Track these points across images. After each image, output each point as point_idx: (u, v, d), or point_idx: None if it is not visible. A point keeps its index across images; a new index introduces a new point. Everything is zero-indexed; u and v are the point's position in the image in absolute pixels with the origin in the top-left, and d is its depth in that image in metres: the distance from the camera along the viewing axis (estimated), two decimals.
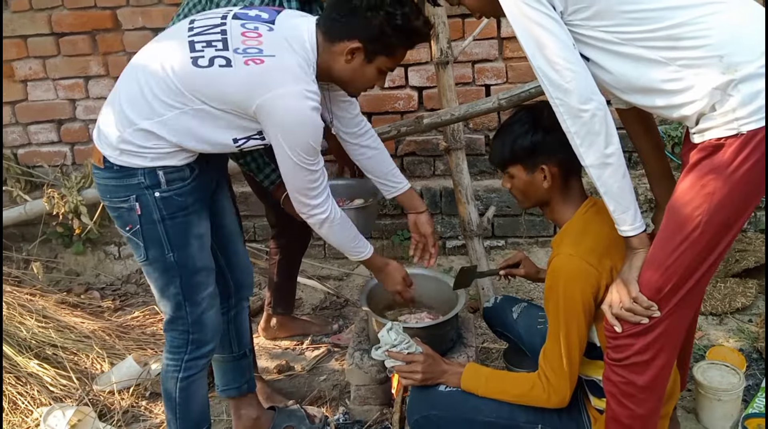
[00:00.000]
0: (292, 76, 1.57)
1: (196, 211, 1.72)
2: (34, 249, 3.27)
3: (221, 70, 1.56)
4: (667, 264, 1.43)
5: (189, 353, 1.79)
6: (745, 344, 2.47)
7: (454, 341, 2.15)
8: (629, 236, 1.49)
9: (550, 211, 1.72)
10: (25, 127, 3.31)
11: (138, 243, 1.69)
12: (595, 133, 1.41)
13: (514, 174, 1.67)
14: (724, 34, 1.33)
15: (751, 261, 2.75)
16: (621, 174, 1.45)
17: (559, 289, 1.58)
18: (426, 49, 2.99)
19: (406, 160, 3.19)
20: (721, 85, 1.32)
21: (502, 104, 2.46)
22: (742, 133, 1.31)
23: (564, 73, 1.39)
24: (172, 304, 1.75)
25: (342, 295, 3.06)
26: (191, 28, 1.64)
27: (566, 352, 1.59)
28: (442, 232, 3.16)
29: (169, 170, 1.64)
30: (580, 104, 1.39)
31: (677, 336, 1.54)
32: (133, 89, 1.63)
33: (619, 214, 1.48)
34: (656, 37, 1.37)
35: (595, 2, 1.39)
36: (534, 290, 2.94)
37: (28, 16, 3.12)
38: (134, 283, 3.28)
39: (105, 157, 1.64)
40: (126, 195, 1.64)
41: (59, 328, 2.64)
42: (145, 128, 1.59)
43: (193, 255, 1.72)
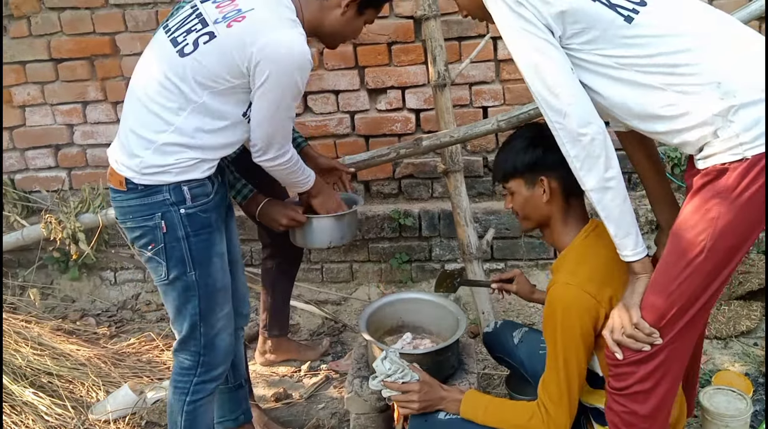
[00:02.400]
0: (276, 21, 1.62)
1: (219, 228, 1.76)
2: (31, 275, 3.24)
3: (207, 46, 1.61)
4: (671, 289, 1.41)
5: (198, 375, 1.78)
6: (751, 368, 2.43)
7: (455, 367, 2.11)
8: (631, 261, 1.48)
9: (549, 232, 1.70)
10: (23, 153, 3.31)
11: (160, 262, 1.69)
12: (595, 157, 1.40)
13: (514, 190, 1.66)
14: (720, 61, 1.34)
15: (755, 283, 2.72)
16: (622, 198, 1.44)
17: (557, 319, 1.55)
18: (423, 71, 2.99)
19: (404, 182, 3.18)
20: (722, 111, 1.31)
21: (501, 126, 2.45)
22: (747, 158, 1.30)
23: (563, 98, 1.39)
24: (187, 325, 1.74)
25: (340, 320, 3.02)
26: (168, 30, 1.70)
27: (565, 382, 1.57)
28: (441, 254, 3.13)
29: (193, 185, 1.67)
30: (579, 128, 1.39)
31: (680, 363, 1.51)
32: (137, 109, 1.67)
33: (620, 238, 1.46)
34: (653, 63, 1.37)
35: (594, 27, 1.40)
36: (535, 314, 2.90)
37: (27, 42, 3.13)
38: (130, 309, 3.25)
39: (127, 178, 1.66)
40: (151, 213, 1.66)
41: (55, 355, 2.60)
42: (164, 143, 1.62)
43: (214, 274, 1.73)
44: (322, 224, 2.11)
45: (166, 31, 1.71)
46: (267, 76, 1.59)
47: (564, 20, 1.40)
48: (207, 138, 1.66)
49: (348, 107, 3.11)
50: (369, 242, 3.16)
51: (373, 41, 2.99)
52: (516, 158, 1.63)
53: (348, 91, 3.08)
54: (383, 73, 3.03)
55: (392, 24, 2.96)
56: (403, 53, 3.00)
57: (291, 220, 2.04)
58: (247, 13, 1.60)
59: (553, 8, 1.39)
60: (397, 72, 3.02)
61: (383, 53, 3.01)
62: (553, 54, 1.40)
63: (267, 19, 1.60)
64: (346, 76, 3.06)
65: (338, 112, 3.12)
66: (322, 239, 2.13)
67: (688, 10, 1.43)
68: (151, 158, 1.63)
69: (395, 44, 2.99)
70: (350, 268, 3.22)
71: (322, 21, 1.75)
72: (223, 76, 1.61)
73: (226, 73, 1.60)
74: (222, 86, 1.62)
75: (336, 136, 3.14)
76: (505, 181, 1.68)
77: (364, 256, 3.19)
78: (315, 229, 2.11)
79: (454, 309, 2.22)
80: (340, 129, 3.13)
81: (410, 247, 3.14)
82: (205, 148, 1.67)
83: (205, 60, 1.60)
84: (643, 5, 1.40)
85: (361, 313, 2.23)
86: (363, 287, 3.21)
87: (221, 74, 1.60)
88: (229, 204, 1.95)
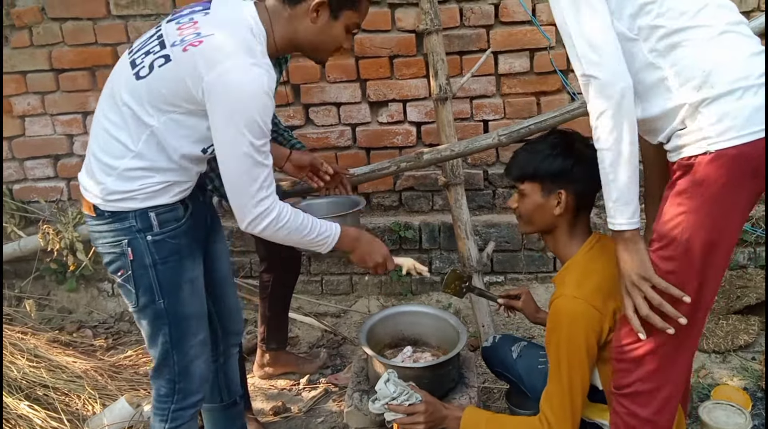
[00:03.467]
0: (234, 49, 1.47)
1: (191, 253, 1.67)
2: (27, 286, 3.22)
3: (162, 70, 1.50)
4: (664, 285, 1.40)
5: (175, 402, 1.73)
6: (749, 383, 2.43)
7: (455, 381, 2.11)
8: (624, 229, 1.42)
9: (553, 241, 1.68)
10: (22, 163, 3.30)
11: (129, 289, 1.63)
12: (621, 118, 1.37)
13: (527, 193, 1.63)
14: (717, 53, 1.35)
15: (753, 297, 2.73)
16: (633, 167, 1.40)
17: (562, 332, 1.55)
18: (424, 85, 3.01)
19: (405, 194, 3.19)
20: (694, 102, 1.33)
21: (502, 140, 2.46)
22: (711, 152, 1.32)
23: (601, 52, 1.37)
24: (159, 352, 1.69)
25: (339, 332, 3.01)
26: (131, 51, 1.62)
27: (569, 396, 1.56)
28: (440, 267, 3.13)
29: (161, 211, 1.59)
30: (613, 81, 1.36)
31: (681, 367, 1.50)
32: (99, 133, 1.60)
33: (620, 205, 1.41)
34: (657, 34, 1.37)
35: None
36: (534, 328, 2.90)
37: (29, 52, 3.13)
38: (127, 321, 3.22)
39: (95, 205, 1.60)
40: (118, 240, 1.59)
41: (51, 367, 2.57)
42: (126, 168, 1.55)
43: (183, 301, 1.66)
44: None
45: (129, 51, 1.63)
46: (220, 111, 1.46)
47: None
48: (168, 163, 1.56)
49: (349, 120, 3.11)
50: None
51: (375, 54, 3.01)
52: (540, 163, 1.60)
53: (349, 103, 3.09)
54: (385, 86, 3.05)
55: (394, 38, 2.98)
56: (404, 66, 3.02)
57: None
58: (205, 38, 1.48)
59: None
60: (398, 85, 3.04)
61: (385, 66, 3.02)
62: (600, 8, 1.38)
63: (223, 47, 1.47)
64: (348, 89, 3.07)
65: (340, 125, 3.13)
66: None
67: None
68: (113, 184, 1.56)
69: (397, 58, 3.01)
70: (350, 280, 3.22)
71: (295, 33, 1.59)
72: (178, 102, 1.51)
73: (180, 99, 1.50)
74: (177, 111, 1.52)
75: (337, 148, 3.15)
76: (520, 181, 1.64)
77: (364, 268, 3.17)
78: None
79: (454, 322, 2.21)
80: (342, 141, 3.14)
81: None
82: (170, 171, 1.57)
83: (159, 84, 1.51)
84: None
85: (361, 327, 2.22)
86: (363, 300, 3.20)
87: (174, 99, 1.51)
88: (214, 222, 1.86)
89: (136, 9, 3.04)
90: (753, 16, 2.78)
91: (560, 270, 1.68)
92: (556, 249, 1.69)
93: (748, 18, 2.78)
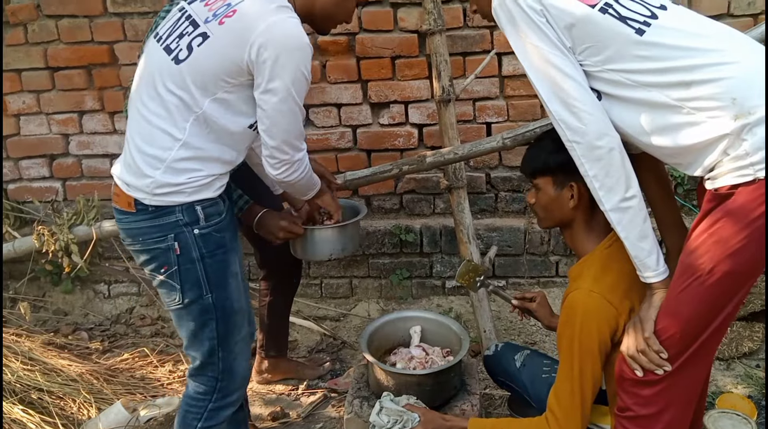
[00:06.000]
0: (270, 9, 1.55)
1: (234, 248, 1.70)
2: (22, 287, 3.17)
3: (202, 48, 1.55)
4: (679, 314, 1.39)
5: (214, 401, 1.72)
6: (754, 390, 2.41)
7: (457, 388, 2.08)
8: (652, 282, 1.45)
9: (570, 235, 1.67)
10: (17, 162, 3.25)
11: (174, 285, 1.63)
12: (614, 176, 1.38)
13: (541, 187, 1.63)
14: (737, 77, 1.31)
15: (757, 304, 2.70)
16: (642, 218, 1.41)
17: (576, 324, 1.53)
18: (427, 86, 2.97)
19: (406, 197, 3.15)
20: (735, 129, 1.28)
21: (506, 143, 2.43)
22: (759, 179, 1.27)
23: (581, 115, 1.37)
24: (204, 350, 1.68)
25: (339, 336, 2.97)
26: (159, 38, 1.64)
27: (579, 391, 1.54)
28: (442, 271, 3.10)
29: (206, 204, 1.62)
30: (595, 140, 1.36)
31: (688, 392, 1.48)
32: (141, 125, 1.61)
33: (642, 259, 1.43)
34: (668, 78, 1.34)
35: (606, 43, 1.37)
36: (537, 333, 2.87)
37: (24, 50, 3.09)
38: (123, 324, 3.18)
39: (137, 199, 1.59)
40: (163, 235, 1.60)
41: (45, 370, 2.53)
42: (175, 159, 1.56)
43: (231, 295, 1.67)
44: (323, 235, 2.04)
45: (157, 39, 1.65)
46: (271, 62, 1.51)
47: (573, 34, 1.38)
48: (216, 149, 1.60)
49: (350, 121, 3.08)
50: (369, 258, 3.12)
51: (377, 55, 2.96)
52: (549, 156, 1.59)
53: (350, 104, 3.05)
54: (386, 87, 3.01)
55: (396, 38, 2.94)
56: (406, 67, 2.98)
57: (288, 233, 1.97)
58: (237, 6, 1.55)
59: (563, 21, 1.37)
60: (400, 86, 3.00)
61: (387, 67, 2.98)
62: (570, 71, 1.37)
63: (259, 9, 1.54)
64: (349, 90, 3.03)
65: (340, 126, 3.09)
66: (322, 251, 2.06)
67: (700, 23, 1.41)
68: (162, 177, 1.57)
69: (399, 58, 2.97)
70: (350, 284, 3.18)
71: (314, 4, 1.68)
72: (222, 77, 1.54)
73: (224, 74, 1.54)
74: (223, 88, 1.55)
75: (337, 149, 3.11)
76: (533, 177, 1.65)
77: (364, 271, 3.14)
78: (315, 241, 2.05)
79: (456, 328, 2.19)
80: (342, 143, 3.10)
81: (411, 263, 3.10)
82: (214, 161, 1.61)
83: (201, 63, 1.54)
84: (654, 18, 1.38)
85: (361, 332, 2.19)
86: (363, 303, 3.16)
87: (220, 76, 1.54)
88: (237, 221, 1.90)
89: (132, 6, 2.99)
90: (761, 20, 2.74)
91: (576, 263, 1.67)
92: (574, 243, 1.68)
93: (756, 21, 2.75)
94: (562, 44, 1.37)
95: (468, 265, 2.07)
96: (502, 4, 1.42)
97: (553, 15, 1.37)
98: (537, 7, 1.37)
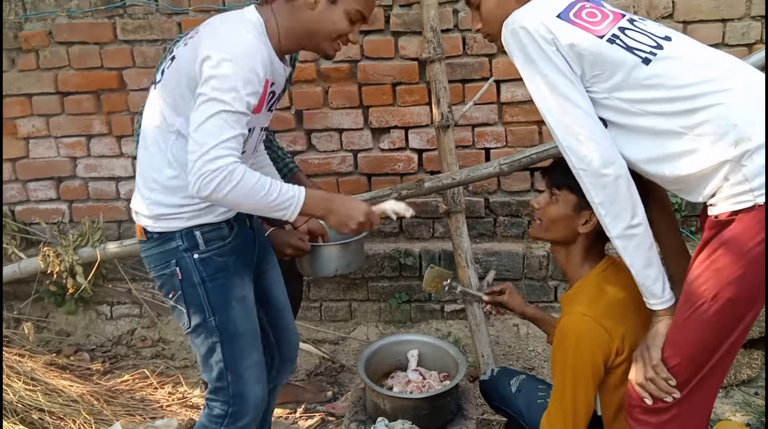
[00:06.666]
0: (229, 23, 1.56)
1: (239, 272, 1.70)
2: (26, 308, 3.21)
3: (170, 69, 1.60)
4: (682, 343, 1.39)
5: (226, 425, 1.73)
6: (752, 418, 2.40)
7: (454, 413, 2.08)
8: (658, 309, 1.45)
9: (566, 256, 1.66)
10: (25, 184, 3.31)
11: (182, 310, 1.67)
12: (621, 203, 1.39)
13: (560, 199, 1.60)
14: (738, 103, 1.33)
15: (756, 331, 2.69)
16: (648, 245, 1.42)
17: (569, 349, 1.53)
18: (426, 112, 3.02)
19: (405, 221, 3.18)
20: (735, 156, 1.30)
21: (504, 169, 2.46)
22: (759, 205, 1.28)
23: (588, 144, 1.39)
24: (214, 374, 1.70)
25: (337, 360, 2.98)
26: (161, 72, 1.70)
27: (572, 416, 1.54)
28: (440, 295, 3.11)
29: (206, 229, 1.64)
30: (602, 168, 1.38)
31: (697, 418, 1.48)
32: (141, 154, 1.68)
33: (647, 286, 1.44)
34: (673, 107, 1.37)
35: (614, 71, 1.40)
36: (534, 358, 2.87)
37: (35, 75, 3.16)
38: (125, 345, 3.20)
39: (144, 228, 1.66)
40: (167, 261, 1.64)
41: (47, 391, 2.55)
42: (167, 177, 1.60)
43: (234, 319, 1.67)
44: (328, 252, 2.09)
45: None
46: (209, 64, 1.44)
47: (583, 63, 1.41)
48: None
49: (351, 146, 3.12)
50: (369, 281, 3.14)
51: (378, 81, 3.02)
52: None
53: (352, 129, 3.10)
54: (387, 112, 3.06)
55: (397, 65, 3.00)
56: (407, 94, 3.03)
57: (296, 250, 2.02)
58: (202, 28, 1.59)
59: (573, 51, 1.40)
60: (400, 112, 3.05)
61: (388, 93, 3.04)
62: (577, 99, 1.40)
63: (218, 26, 1.57)
64: (350, 115, 3.08)
65: (341, 151, 3.14)
66: (328, 267, 2.11)
67: (704, 53, 1.45)
68: (158, 196, 1.62)
69: (400, 85, 3.03)
70: (349, 307, 3.20)
71: (297, 23, 1.60)
72: (184, 93, 1.54)
73: (186, 89, 1.53)
74: (188, 103, 1.52)
75: (339, 174, 3.15)
76: (557, 187, 1.61)
77: (364, 294, 3.16)
78: (321, 257, 2.09)
79: (453, 352, 2.20)
80: (343, 167, 3.15)
81: (410, 287, 3.12)
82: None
83: (169, 82, 1.59)
84: (660, 48, 1.42)
85: (359, 355, 2.20)
86: (362, 327, 3.17)
87: (182, 92, 1.54)
88: (264, 250, 1.86)
89: (142, 34, 3.07)
90: (756, 49, 2.79)
91: (570, 289, 1.67)
92: (568, 265, 1.67)
93: (750, 50, 2.79)
94: (571, 73, 1.40)
95: (433, 272, 2.10)
96: (514, 33, 1.43)
97: (563, 44, 1.39)
98: (548, 37, 1.39)
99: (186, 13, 3.03)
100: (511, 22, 1.44)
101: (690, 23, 2.83)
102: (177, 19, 3.04)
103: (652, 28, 1.47)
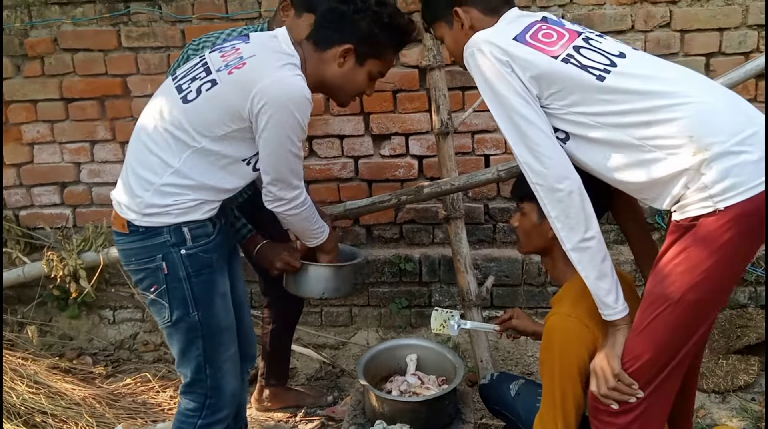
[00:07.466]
0: (278, 63, 1.63)
1: (220, 268, 1.76)
2: (30, 312, 3.23)
3: (209, 93, 1.63)
4: (646, 342, 1.44)
5: (203, 418, 1.77)
6: (749, 424, 2.42)
7: (452, 417, 2.10)
8: (612, 320, 1.51)
9: (550, 263, 1.74)
10: (29, 190, 3.34)
11: (163, 304, 1.70)
12: (575, 217, 1.46)
13: (526, 212, 1.71)
14: (693, 115, 1.39)
15: (753, 337, 2.71)
16: (601, 258, 1.48)
17: (555, 349, 1.58)
18: (427, 119, 3.05)
19: (406, 227, 3.21)
20: (693, 165, 1.36)
21: (501, 175, 2.49)
22: (719, 210, 1.34)
23: (543, 160, 1.46)
24: (192, 367, 1.74)
25: (338, 364, 3.00)
26: (175, 77, 1.74)
27: (562, 416, 1.58)
28: (440, 300, 3.13)
29: (193, 226, 1.68)
30: (556, 183, 1.45)
31: (661, 411, 1.52)
32: (140, 150, 1.70)
33: (600, 298, 1.50)
34: (628, 120, 1.43)
35: (571, 89, 1.46)
36: (533, 364, 2.89)
37: (40, 81, 3.20)
38: (127, 349, 3.23)
39: (129, 221, 1.67)
40: (152, 255, 1.67)
41: (50, 394, 2.58)
42: (163, 184, 1.64)
43: (217, 314, 1.73)
44: (318, 273, 2.00)
45: (173, 78, 1.75)
46: (268, 117, 1.59)
47: (540, 83, 1.48)
48: (206, 181, 1.67)
49: (352, 152, 3.16)
50: (369, 286, 3.17)
51: (379, 89, 3.03)
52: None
53: (353, 136, 3.13)
54: (388, 119, 3.09)
55: (398, 73, 3.03)
56: (407, 101, 3.07)
57: (285, 264, 1.97)
58: (248, 59, 1.64)
59: (528, 72, 1.47)
60: (401, 119, 3.08)
61: (388, 100, 3.07)
62: (534, 119, 1.46)
63: (266, 63, 1.63)
64: (351, 122, 3.11)
65: (342, 157, 3.17)
66: (315, 288, 2.02)
67: (659, 67, 1.51)
68: (150, 198, 1.65)
69: (400, 92, 3.06)
70: (349, 312, 3.22)
71: (323, 75, 1.74)
72: (224, 121, 1.62)
73: (227, 119, 1.62)
74: (221, 132, 1.63)
75: (339, 180, 3.18)
76: (520, 201, 1.72)
77: (364, 300, 3.19)
78: (309, 277, 2.00)
79: (452, 356, 2.22)
80: (344, 173, 3.18)
81: (410, 292, 3.15)
82: (205, 189, 1.68)
83: (205, 107, 1.63)
84: (614, 66, 1.48)
85: (359, 359, 2.23)
86: (362, 332, 3.20)
87: (222, 120, 1.62)
88: (234, 247, 1.96)
89: (146, 41, 3.11)
90: (752, 57, 2.81)
91: (558, 292, 1.72)
92: (554, 270, 1.75)
93: (747, 59, 2.82)
94: (526, 93, 1.47)
95: (437, 314, 2.08)
96: (472, 56, 1.53)
97: (519, 66, 1.47)
98: (503, 59, 1.47)
99: (189, 21, 3.07)
100: (471, 45, 1.54)
101: (687, 32, 2.86)
102: (180, 27, 3.08)
103: (606, 45, 1.54)
